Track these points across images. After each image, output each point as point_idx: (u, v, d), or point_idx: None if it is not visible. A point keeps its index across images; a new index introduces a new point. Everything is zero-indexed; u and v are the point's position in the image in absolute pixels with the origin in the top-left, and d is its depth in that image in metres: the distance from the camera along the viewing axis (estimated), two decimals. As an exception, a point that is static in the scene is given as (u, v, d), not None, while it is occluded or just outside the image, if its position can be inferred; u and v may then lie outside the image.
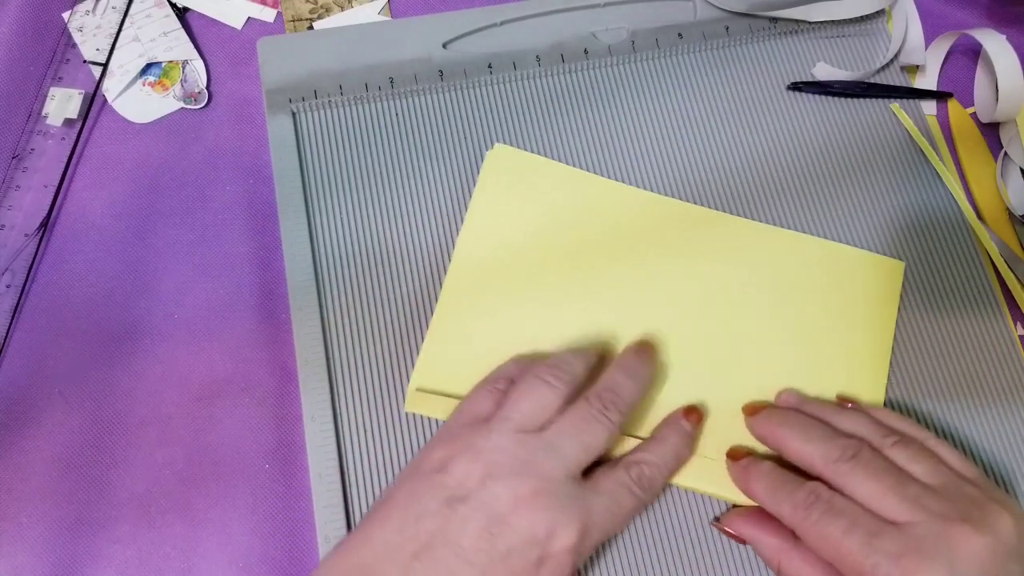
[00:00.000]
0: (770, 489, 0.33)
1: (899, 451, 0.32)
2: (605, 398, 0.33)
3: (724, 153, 0.42)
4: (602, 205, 0.40)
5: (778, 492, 0.32)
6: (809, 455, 0.33)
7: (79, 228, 0.40)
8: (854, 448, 0.32)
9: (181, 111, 0.43)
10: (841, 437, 0.33)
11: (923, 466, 0.32)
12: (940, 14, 0.47)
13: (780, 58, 0.45)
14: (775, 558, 0.33)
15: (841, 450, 0.32)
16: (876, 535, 0.29)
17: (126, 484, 0.36)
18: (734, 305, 0.38)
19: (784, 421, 0.34)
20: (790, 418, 0.35)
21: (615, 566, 0.35)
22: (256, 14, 0.45)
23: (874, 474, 0.31)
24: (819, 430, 0.33)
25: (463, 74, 0.42)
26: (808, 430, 0.33)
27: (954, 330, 0.39)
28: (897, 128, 0.43)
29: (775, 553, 0.33)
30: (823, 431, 0.33)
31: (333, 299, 0.38)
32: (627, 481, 0.32)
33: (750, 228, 0.40)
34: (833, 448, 0.32)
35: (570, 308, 0.38)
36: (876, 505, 0.30)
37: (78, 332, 0.38)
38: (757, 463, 0.34)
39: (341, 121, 0.41)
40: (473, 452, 0.31)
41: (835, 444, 0.32)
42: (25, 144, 0.41)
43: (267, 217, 0.41)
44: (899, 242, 0.41)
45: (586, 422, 0.32)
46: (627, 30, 0.44)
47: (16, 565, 0.35)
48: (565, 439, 0.31)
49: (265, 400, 0.38)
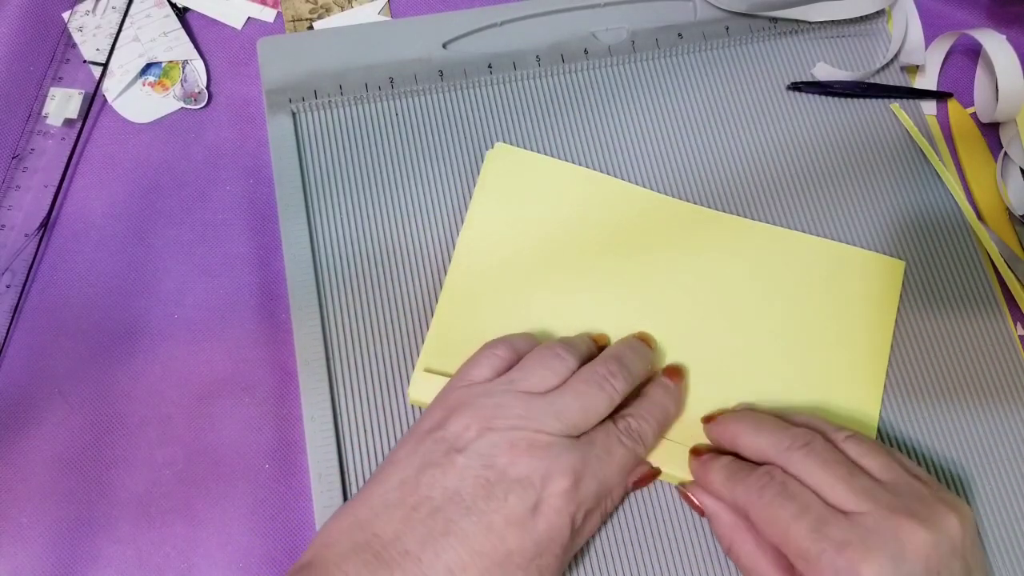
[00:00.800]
0: (726, 477, 0.33)
1: (852, 445, 0.32)
2: (611, 366, 0.34)
3: (724, 153, 0.42)
4: (603, 202, 0.40)
5: (733, 478, 0.33)
6: (762, 446, 0.33)
7: (79, 228, 0.40)
8: (807, 437, 0.32)
9: (181, 111, 0.43)
10: (794, 428, 0.33)
11: (875, 461, 0.32)
12: (940, 14, 0.47)
13: (780, 58, 0.45)
14: (728, 536, 0.33)
15: (792, 439, 0.32)
16: (825, 522, 0.29)
17: (126, 484, 0.36)
18: (733, 303, 0.38)
19: (737, 418, 0.35)
20: (743, 415, 0.35)
21: (609, 564, 0.35)
22: (256, 14, 0.45)
23: (825, 463, 0.31)
24: (772, 422, 0.34)
25: (463, 74, 0.42)
26: (760, 422, 0.34)
27: (954, 330, 0.39)
28: (897, 128, 0.43)
29: (728, 531, 0.33)
30: (776, 423, 0.34)
31: (333, 299, 0.38)
32: (616, 432, 0.33)
33: (751, 228, 0.40)
34: (785, 437, 0.32)
35: (571, 304, 0.38)
36: (827, 494, 0.30)
37: (78, 332, 0.38)
38: (716, 457, 0.34)
39: (341, 121, 0.41)
40: (472, 408, 0.31)
41: (787, 433, 0.33)
42: (25, 144, 0.41)
43: (267, 217, 0.41)
44: (899, 242, 0.41)
45: (587, 385, 0.33)
46: (627, 30, 0.44)
47: (16, 565, 0.35)
48: (566, 400, 0.32)
49: (265, 400, 0.38)
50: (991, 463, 0.37)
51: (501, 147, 0.40)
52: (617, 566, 0.35)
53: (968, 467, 0.37)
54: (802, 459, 0.31)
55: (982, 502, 0.36)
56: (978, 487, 0.36)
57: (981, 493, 0.36)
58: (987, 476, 0.37)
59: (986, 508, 0.36)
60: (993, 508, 0.36)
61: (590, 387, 0.33)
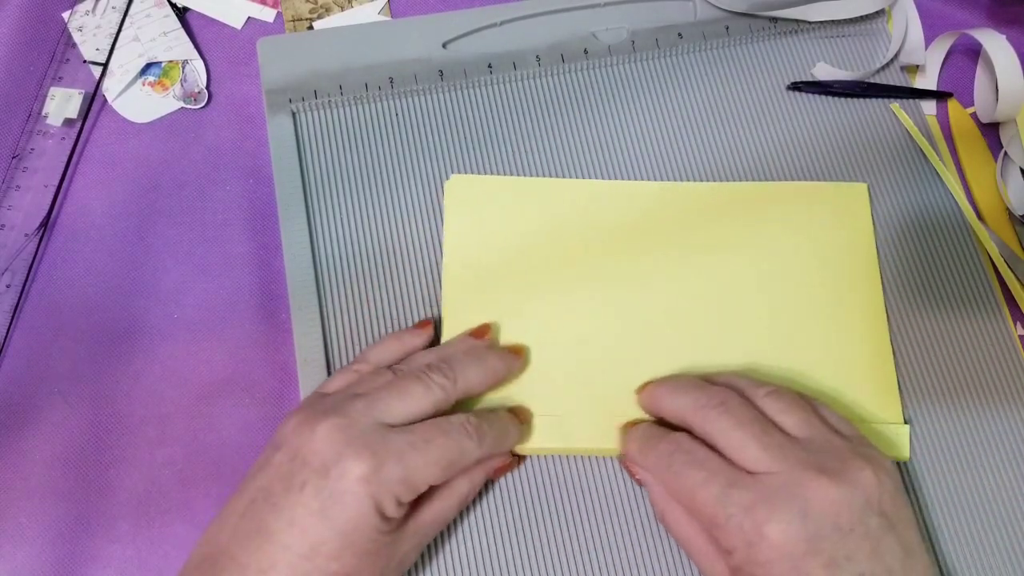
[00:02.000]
0: (638, 448, 0.33)
1: (771, 402, 0.32)
2: (429, 358, 0.33)
3: (724, 153, 0.42)
4: (568, 205, 0.40)
5: (646, 445, 0.33)
6: (680, 406, 0.33)
7: (79, 228, 0.40)
8: (722, 396, 0.32)
9: (181, 111, 0.43)
10: (712, 387, 0.33)
11: (793, 418, 0.32)
12: (940, 14, 0.47)
13: (780, 58, 0.45)
14: (659, 504, 0.33)
15: (708, 397, 0.32)
16: (732, 486, 0.29)
17: (125, 484, 0.36)
18: (718, 266, 0.39)
19: (659, 383, 0.35)
20: (665, 379, 0.35)
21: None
22: (256, 14, 0.45)
23: (739, 423, 0.31)
24: (689, 384, 0.34)
25: (463, 74, 0.42)
26: (680, 383, 0.34)
27: (954, 330, 0.39)
28: (897, 128, 0.43)
29: (660, 500, 0.33)
30: (694, 384, 0.34)
31: (333, 299, 0.38)
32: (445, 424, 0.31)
33: (715, 189, 0.41)
34: (701, 396, 0.32)
35: (568, 310, 0.38)
36: (738, 455, 0.30)
37: (78, 332, 0.38)
38: (635, 426, 0.34)
39: (341, 121, 0.41)
40: (303, 411, 0.31)
41: (703, 393, 0.33)
42: (25, 144, 0.41)
43: (267, 217, 0.41)
44: (899, 242, 0.41)
45: (407, 379, 0.32)
46: (627, 30, 0.44)
47: (16, 565, 0.35)
48: (381, 392, 0.31)
49: (265, 400, 0.38)
50: (991, 463, 0.37)
51: (458, 178, 0.40)
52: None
53: (968, 467, 0.37)
54: (716, 419, 0.31)
55: (982, 502, 0.36)
56: (978, 487, 0.36)
57: (981, 493, 0.36)
58: (987, 476, 0.37)
59: (986, 508, 0.36)
60: (993, 508, 0.36)
61: (409, 379, 0.32)
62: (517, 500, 0.35)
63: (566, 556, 0.35)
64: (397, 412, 0.31)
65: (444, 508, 0.32)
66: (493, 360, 0.35)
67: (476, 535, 0.35)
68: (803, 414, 0.32)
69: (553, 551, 0.35)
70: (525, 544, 0.35)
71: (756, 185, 0.41)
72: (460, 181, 0.40)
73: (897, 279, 0.40)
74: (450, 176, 0.40)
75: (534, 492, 0.36)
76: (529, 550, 0.35)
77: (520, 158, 0.41)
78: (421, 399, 0.32)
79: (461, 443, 0.31)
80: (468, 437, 0.31)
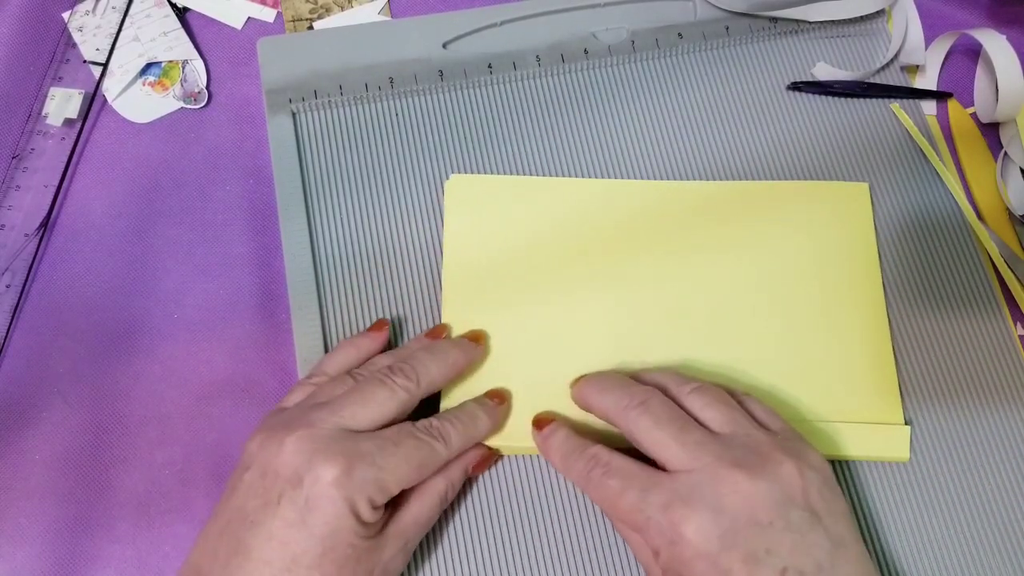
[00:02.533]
0: (562, 457, 0.33)
1: (695, 398, 0.32)
2: (393, 366, 0.33)
3: (724, 153, 0.42)
4: (568, 204, 0.40)
5: (568, 459, 0.33)
6: (606, 406, 0.33)
7: (79, 228, 0.40)
8: (644, 395, 0.32)
9: (181, 111, 0.43)
10: (636, 386, 0.33)
11: (716, 413, 0.31)
12: (940, 14, 0.47)
13: (780, 58, 0.45)
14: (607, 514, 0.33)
15: (630, 397, 0.32)
16: (649, 488, 0.29)
17: (125, 484, 0.36)
18: (719, 266, 0.39)
19: (588, 380, 0.35)
20: (594, 376, 0.35)
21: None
22: (256, 14, 0.45)
23: (658, 421, 0.31)
24: (615, 382, 0.33)
25: (463, 74, 0.42)
26: (607, 382, 0.34)
27: (954, 330, 0.39)
28: (897, 128, 0.43)
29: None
30: (620, 382, 0.33)
31: (333, 299, 0.38)
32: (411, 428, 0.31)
33: (715, 188, 0.41)
34: (623, 396, 0.32)
35: (569, 310, 0.38)
36: (659, 454, 0.30)
37: (78, 332, 0.38)
38: (555, 432, 0.34)
39: (341, 121, 0.41)
40: (263, 429, 0.31)
41: (627, 391, 0.32)
42: (25, 144, 0.41)
43: (267, 217, 0.41)
44: (899, 242, 0.41)
45: (369, 384, 0.32)
46: (627, 30, 0.44)
47: (16, 565, 0.35)
48: (343, 399, 0.31)
49: (265, 400, 0.38)
50: (991, 463, 0.37)
51: (458, 178, 0.40)
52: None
53: (968, 467, 0.37)
54: (636, 418, 0.31)
55: (982, 502, 0.36)
56: (978, 487, 0.36)
57: (981, 493, 0.36)
58: (987, 476, 0.37)
59: (986, 508, 0.36)
60: (993, 508, 0.36)
61: (371, 384, 0.32)
62: (509, 501, 0.35)
63: (563, 556, 0.35)
64: (362, 418, 0.31)
65: (424, 509, 0.32)
66: (452, 352, 0.35)
67: (465, 538, 0.35)
68: (726, 409, 0.32)
69: (547, 551, 0.35)
70: (516, 546, 0.35)
71: (756, 184, 0.41)
72: (460, 181, 0.40)
73: (897, 279, 0.40)
74: (450, 176, 0.40)
75: (533, 492, 0.36)
76: (521, 551, 0.35)
77: (520, 158, 0.41)
78: (385, 402, 0.31)
79: (431, 444, 0.31)
80: (435, 439, 0.32)
